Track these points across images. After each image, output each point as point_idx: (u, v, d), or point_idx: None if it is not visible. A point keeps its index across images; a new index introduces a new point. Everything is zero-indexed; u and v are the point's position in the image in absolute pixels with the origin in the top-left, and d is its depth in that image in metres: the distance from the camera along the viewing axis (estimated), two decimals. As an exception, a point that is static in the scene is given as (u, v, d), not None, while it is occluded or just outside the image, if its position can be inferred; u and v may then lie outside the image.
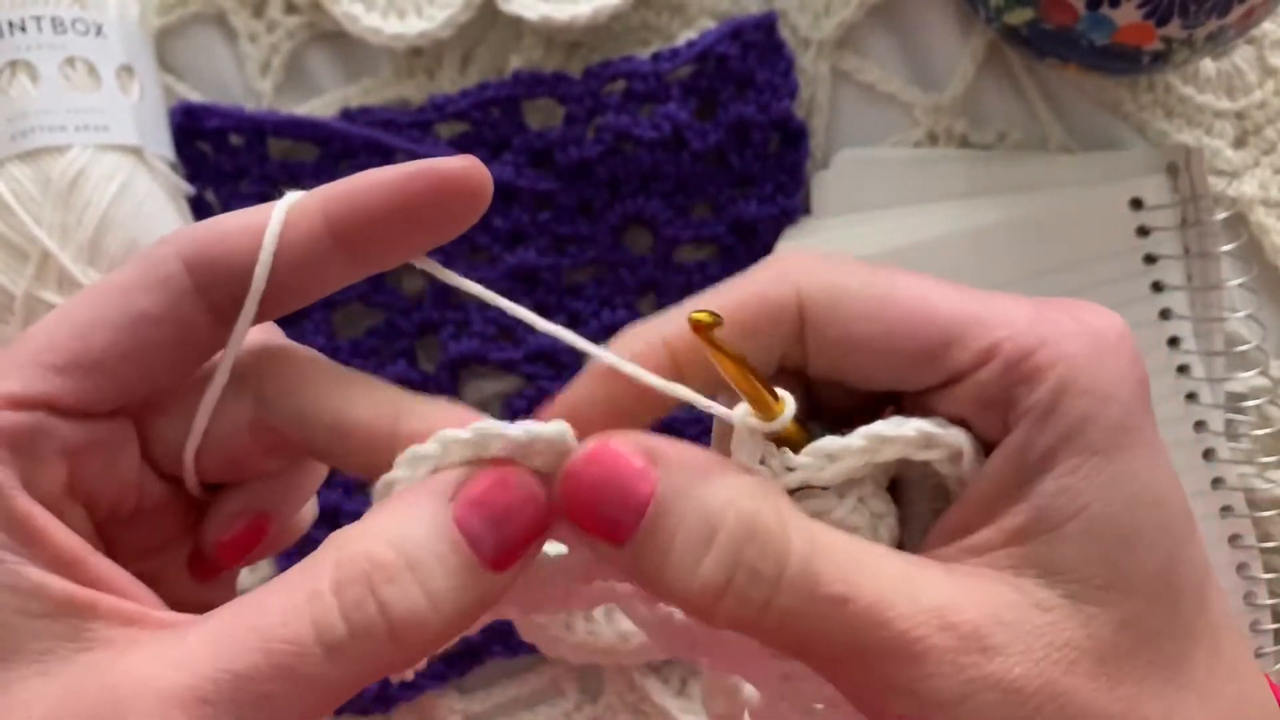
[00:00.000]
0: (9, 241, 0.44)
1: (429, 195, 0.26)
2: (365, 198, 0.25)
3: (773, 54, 0.51)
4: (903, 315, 0.25)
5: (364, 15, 0.51)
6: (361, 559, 0.22)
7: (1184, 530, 0.24)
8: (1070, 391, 0.23)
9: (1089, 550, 0.23)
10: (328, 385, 0.27)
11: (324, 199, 0.26)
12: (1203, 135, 0.53)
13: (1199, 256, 0.51)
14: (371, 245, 0.26)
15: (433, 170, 0.25)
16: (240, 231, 0.25)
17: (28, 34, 0.45)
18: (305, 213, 0.25)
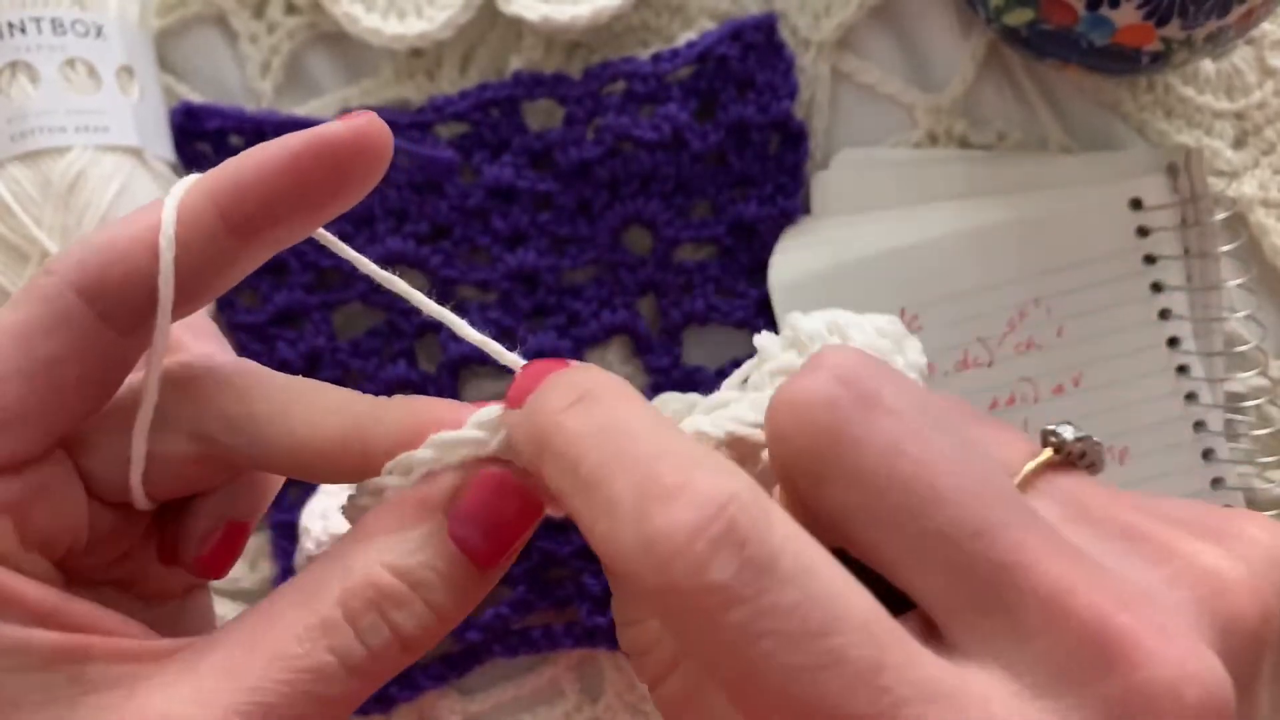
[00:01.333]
0: (8, 243, 0.44)
1: (322, 167, 0.24)
2: (254, 180, 0.24)
3: (773, 55, 0.51)
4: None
5: (364, 16, 0.51)
6: (368, 589, 0.23)
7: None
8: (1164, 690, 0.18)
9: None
10: (278, 408, 0.26)
11: (211, 188, 0.24)
12: (1202, 136, 0.53)
13: (1199, 257, 0.51)
14: (268, 228, 0.25)
15: (322, 139, 0.24)
16: (131, 243, 0.24)
17: (28, 35, 0.45)
18: (195, 209, 0.24)
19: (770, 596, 0.18)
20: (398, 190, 0.50)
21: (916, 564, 0.20)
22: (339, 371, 0.51)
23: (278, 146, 0.24)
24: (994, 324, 0.50)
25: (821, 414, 0.21)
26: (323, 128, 0.24)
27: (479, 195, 0.51)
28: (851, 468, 0.20)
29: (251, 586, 0.51)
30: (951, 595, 0.20)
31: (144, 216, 0.24)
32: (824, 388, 0.21)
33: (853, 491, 0.20)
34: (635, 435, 0.21)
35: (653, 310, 0.52)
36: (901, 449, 0.20)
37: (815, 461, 0.21)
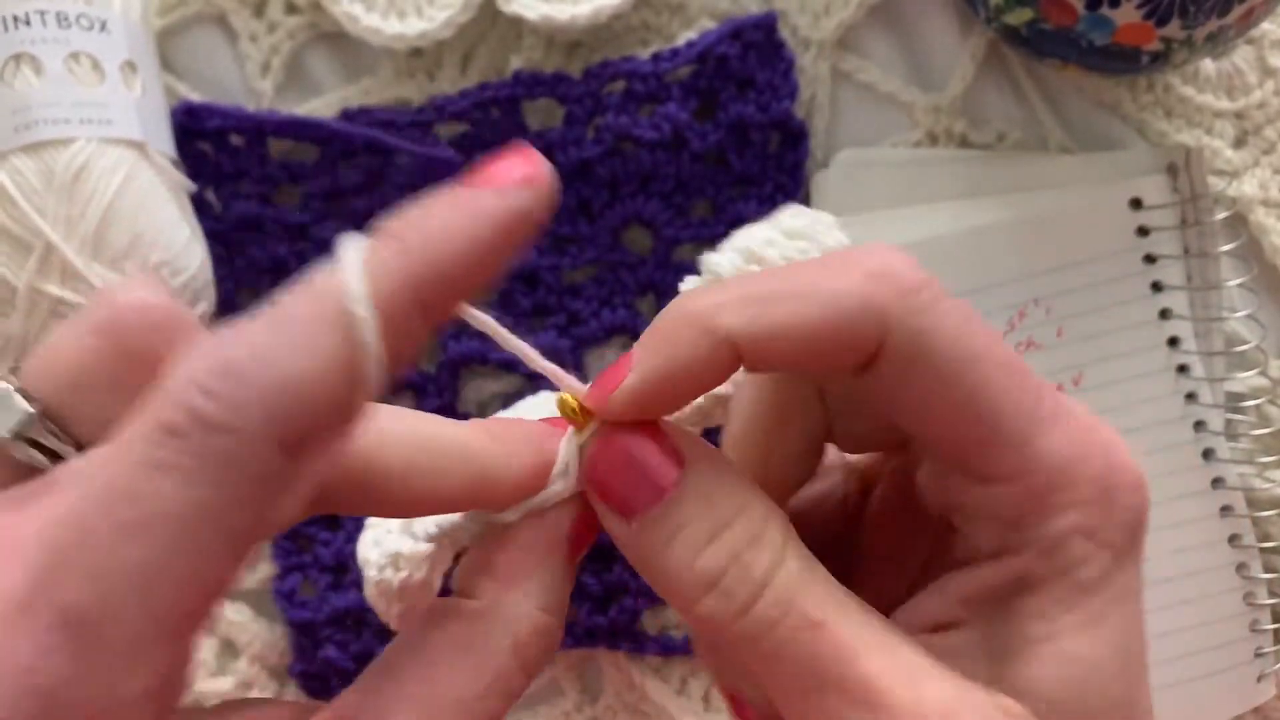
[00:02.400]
0: (12, 234, 0.44)
1: (517, 243, 0.22)
2: (461, 266, 0.21)
3: (773, 54, 0.51)
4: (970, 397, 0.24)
5: (364, 15, 0.51)
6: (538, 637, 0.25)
7: (1141, 677, 0.25)
8: (1078, 534, 0.24)
9: (1061, 678, 0.24)
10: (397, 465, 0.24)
11: (414, 284, 0.21)
12: (1202, 135, 0.53)
13: (1199, 256, 0.51)
14: (459, 300, 0.23)
15: (518, 214, 0.22)
16: (321, 377, 0.20)
17: (32, 28, 0.45)
18: (392, 308, 0.21)
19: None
20: (398, 190, 0.50)
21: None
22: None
23: (485, 226, 0.22)
24: (994, 324, 0.50)
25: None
26: (517, 197, 0.22)
27: (479, 194, 0.51)
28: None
29: (253, 586, 0.51)
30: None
31: (314, 331, 0.20)
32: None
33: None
34: None
35: (653, 310, 0.52)
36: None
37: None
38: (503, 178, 0.22)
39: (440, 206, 0.22)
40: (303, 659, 0.50)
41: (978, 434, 0.24)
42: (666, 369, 0.24)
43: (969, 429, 0.24)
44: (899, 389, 0.24)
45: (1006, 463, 0.24)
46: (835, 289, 0.24)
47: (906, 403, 0.24)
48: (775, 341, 0.24)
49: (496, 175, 0.22)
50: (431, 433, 0.25)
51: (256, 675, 0.50)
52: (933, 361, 0.23)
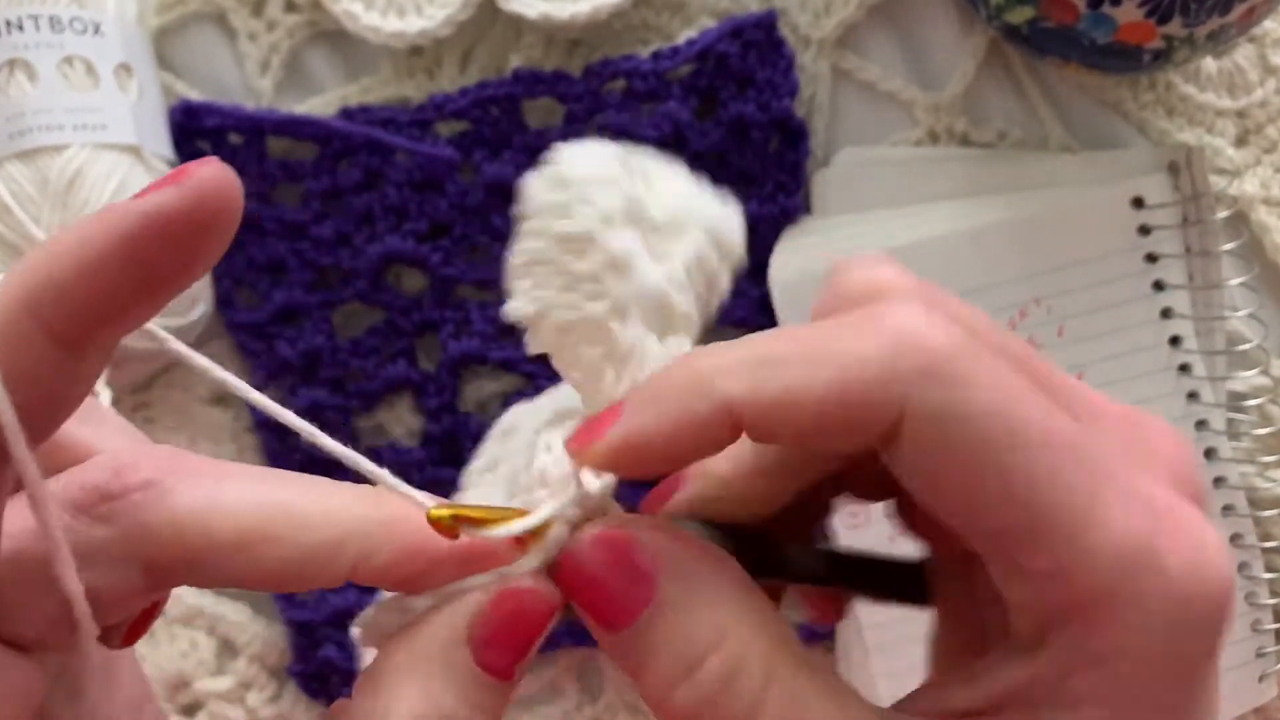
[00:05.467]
0: (7, 241, 0.44)
1: (163, 248, 0.20)
2: (76, 279, 0.19)
3: (773, 53, 0.51)
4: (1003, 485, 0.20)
5: (363, 14, 0.51)
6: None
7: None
8: (1132, 656, 0.20)
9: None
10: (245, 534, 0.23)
11: (25, 299, 0.19)
12: (1204, 134, 0.53)
13: (1200, 255, 0.51)
14: (103, 329, 0.20)
15: (155, 215, 0.20)
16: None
17: (25, 33, 0.45)
18: (9, 329, 0.19)
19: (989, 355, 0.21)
20: (397, 189, 0.50)
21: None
22: (339, 370, 0.51)
23: (101, 232, 0.20)
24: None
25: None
26: (154, 199, 0.20)
27: (479, 193, 0.50)
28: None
29: (251, 586, 0.51)
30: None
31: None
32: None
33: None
34: None
35: (653, 309, 0.52)
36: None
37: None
38: (154, 187, 0.20)
39: (70, 226, 0.20)
40: (302, 659, 0.50)
41: (1016, 525, 0.21)
42: (655, 428, 0.22)
43: (1005, 519, 0.21)
44: (923, 471, 0.21)
45: (1051, 558, 0.21)
46: (850, 354, 0.21)
47: (933, 487, 0.21)
48: (779, 411, 0.21)
49: (152, 186, 0.20)
50: (278, 499, 0.23)
51: (255, 675, 0.50)
52: (960, 444, 0.20)
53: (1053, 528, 0.20)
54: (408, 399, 0.51)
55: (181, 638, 0.50)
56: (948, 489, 0.21)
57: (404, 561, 0.24)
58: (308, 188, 0.50)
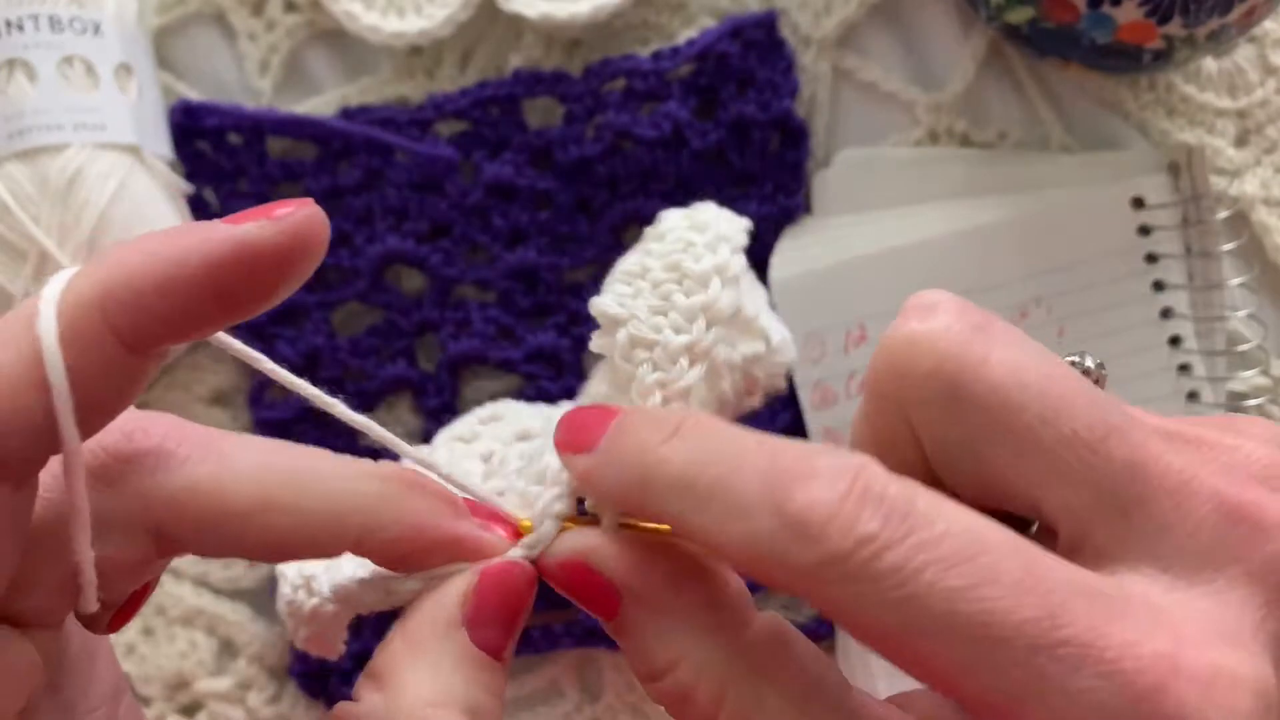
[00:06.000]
0: (7, 241, 0.44)
1: (246, 280, 0.20)
2: (156, 295, 0.20)
3: (773, 53, 0.51)
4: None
5: (363, 13, 0.51)
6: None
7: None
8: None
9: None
10: (257, 502, 0.23)
11: (101, 302, 0.20)
12: (1204, 134, 0.53)
13: (1200, 256, 0.51)
14: (171, 342, 0.21)
15: (249, 246, 0.20)
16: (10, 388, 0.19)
17: (25, 33, 0.45)
18: (80, 328, 0.20)
19: (919, 533, 0.20)
20: (397, 189, 0.50)
21: (1052, 474, 0.21)
22: (338, 370, 0.51)
23: (192, 253, 0.20)
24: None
25: (945, 343, 0.22)
26: (250, 229, 0.20)
27: (479, 193, 0.50)
28: (984, 387, 0.22)
29: (252, 586, 0.51)
30: (1089, 500, 0.21)
31: (7, 342, 0.20)
32: (940, 321, 0.23)
33: (985, 411, 0.22)
34: (745, 445, 0.22)
35: (653, 309, 0.52)
36: (1024, 365, 0.22)
37: (946, 386, 0.22)
38: (246, 216, 0.21)
39: (158, 234, 0.21)
40: (302, 659, 0.50)
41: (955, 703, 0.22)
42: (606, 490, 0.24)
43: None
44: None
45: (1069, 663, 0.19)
46: (752, 525, 0.21)
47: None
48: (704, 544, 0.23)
49: (244, 215, 0.21)
50: (287, 468, 0.24)
51: (255, 675, 0.50)
52: (864, 634, 0.21)
53: (986, 713, 0.20)
54: (407, 399, 0.51)
55: (181, 638, 0.50)
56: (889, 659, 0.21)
57: (410, 538, 0.24)
58: (307, 188, 0.50)
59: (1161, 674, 0.19)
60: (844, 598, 0.20)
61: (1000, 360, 0.22)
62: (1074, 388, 0.22)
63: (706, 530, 0.21)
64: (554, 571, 0.25)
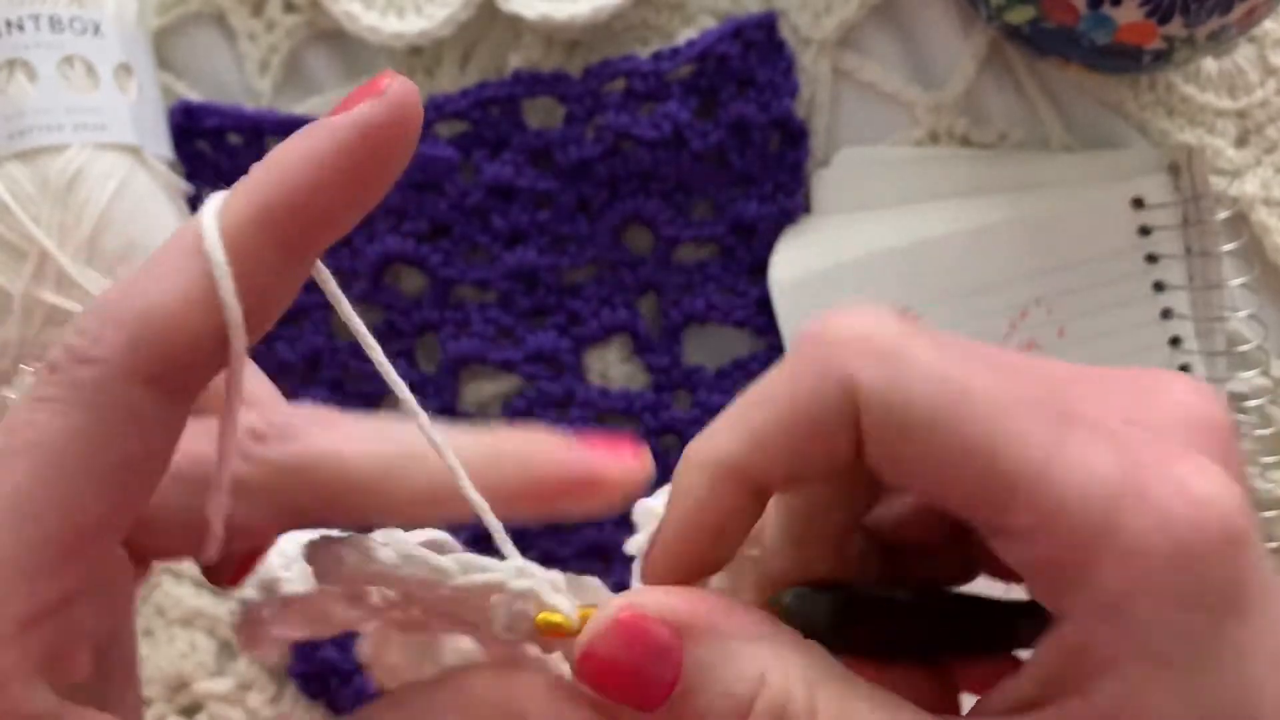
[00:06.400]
0: (6, 241, 0.44)
1: (375, 158, 0.21)
2: (310, 189, 0.21)
3: (773, 53, 0.51)
4: (962, 448, 0.21)
5: (363, 14, 0.51)
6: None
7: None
8: (1140, 592, 0.20)
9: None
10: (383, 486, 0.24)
11: (259, 210, 0.21)
12: (1204, 134, 0.53)
13: (1200, 256, 0.51)
14: (323, 237, 0.22)
15: (371, 127, 0.21)
16: (183, 310, 0.20)
17: (25, 33, 0.45)
18: (242, 236, 0.21)
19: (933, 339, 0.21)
20: (397, 189, 0.50)
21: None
22: (338, 371, 0.51)
23: (326, 149, 0.21)
24: (995, 324, 0.50)
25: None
26: (362, 111, 0.21)
27: (478, 194, 0.50)
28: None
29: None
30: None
31: (176, 265, 0.21)
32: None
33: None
34: None
35: (653, 310, 0.52)
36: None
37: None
38: (349, 102, 0.22)
39: (287, 142, 0.22)
40: (302, 660, 0.50)
41: (984, 486, 0.21)
42: (685, 528, 0.23)
43: (973, 482, 0.21)
44: (893, 456, 0.22)
45: (1026, 512, 0.20)
46: (793, 374, 0.22)
47: (906, 470, 0.22)
48: (765, 452, 0.22)
49: (351, 99, 0.22)
50: (402, 439, 0.24)
51: (256, 676, 0.50)
52: (914, 417, 0.21)
53: (1018, 481, 0.20)
54: (407, 400, 0.51)
55: (181, 639, 0.50)
56: (917, 466, 0.21)
57: (532, 492, 0.25)
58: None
59: (1156, 449, 0.20)
60: (896, 375, 0.21)
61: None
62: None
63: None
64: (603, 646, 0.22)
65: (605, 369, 0.52)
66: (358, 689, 0.49)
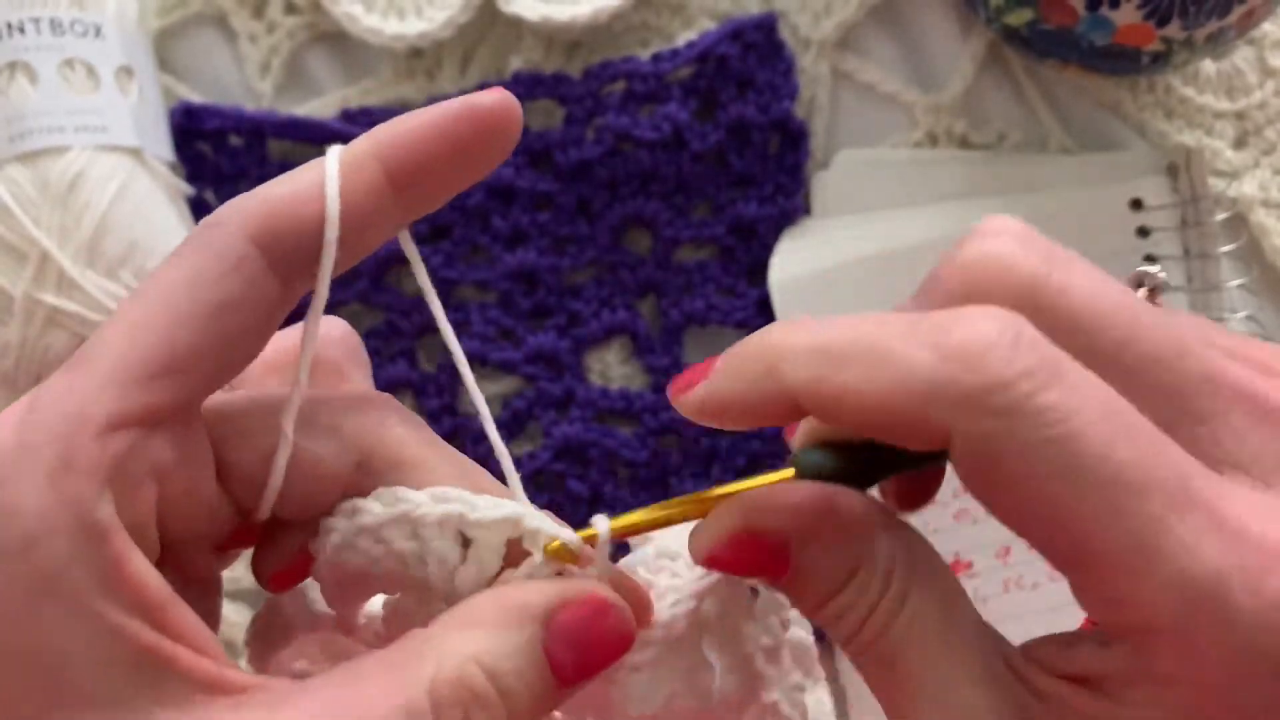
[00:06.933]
0: (8, 243, 0.44)
1: (474, 131, 0.26)
2: (418, 141, 0.25)
3: (773, 54, 0.51)
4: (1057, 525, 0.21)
5: (364, 16, 0.51)
6: (458, 685, 0.23)
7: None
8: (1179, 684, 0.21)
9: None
10: (433, 467, 0.26)
11: (377, 146, 0.25)
12: (1203, 136, 0.53)
13: (1199, 257, 0.51)
14: (425, 188, 0.26)
15: (475, 106, 0.26)
16: (301, 197, 0.25)
17: (26, 35, 0.45)
18: (359, 164, 0.25)
19: (1071, 380, 0.21)
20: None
21: (1130, 390, 0.22)
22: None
23: (436, 109, 0.26)
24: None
25: (1027, 265, 0.23)
26: (472, 97, 0.26)
27: (479, 195, 0.51)
28: (1065, 311, 0.23)
29: (252, 586, 0.51)
30: (1169, 413, 0.22)
31: (310, 172, 0.25)
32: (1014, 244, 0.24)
33: (1066, 335, 0.22)
34: (869, 317, 0.23)
35: (653, 310, 0.52)
36: (1100, 291, 0.23)
37: (1028, 308, 0.22)
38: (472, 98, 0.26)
39: (409, 113, 0.26)
40: (302, 660, 0.50)
41: (1070, 554, 0.22)
42: (730, 396, 0.25)
43: (1060, 547, 0.22)
44: (980, 488, 0.22)
45: (1107, 587, 0.21)
46: (907, 363, 0.22)
47: (991, 503, 0.22)
48: (835, 408, 0.23)
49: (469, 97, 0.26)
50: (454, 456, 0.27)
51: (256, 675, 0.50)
52: (1008, 473, 0.21)
53: (1106, 562, 0.21)
54: (408, 400, 0.52)
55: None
56: (1003, 509, 0.22)
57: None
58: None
59: (1272, 555, 0.20)
60: (997, 429, 0.21)
61: (1079, 286, 0.23)
62: (1147, 310, 0.23)
63: (848, 386, 0.22)
64: (722, 554, 0.25)
65: (605, 369, 0.52)
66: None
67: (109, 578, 0.22)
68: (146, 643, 0.22)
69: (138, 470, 0.23)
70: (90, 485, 0.22)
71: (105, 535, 0.22)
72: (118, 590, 0.22)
